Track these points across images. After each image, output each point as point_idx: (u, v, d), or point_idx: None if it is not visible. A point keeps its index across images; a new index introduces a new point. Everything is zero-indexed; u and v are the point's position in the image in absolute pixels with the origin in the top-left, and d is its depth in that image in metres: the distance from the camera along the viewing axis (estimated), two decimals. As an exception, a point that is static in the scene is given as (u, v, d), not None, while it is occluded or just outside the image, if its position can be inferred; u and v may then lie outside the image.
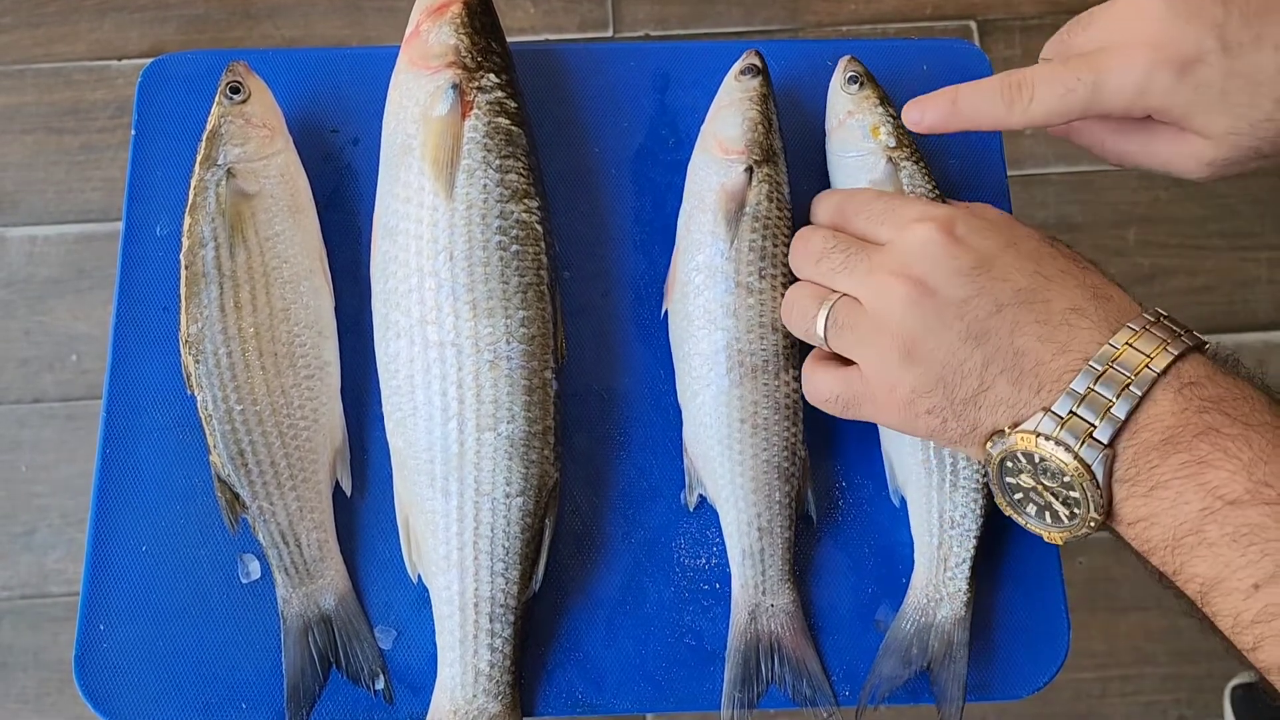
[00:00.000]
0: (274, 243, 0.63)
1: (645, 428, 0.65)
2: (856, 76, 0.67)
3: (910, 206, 0.57)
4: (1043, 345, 0.51)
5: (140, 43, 1.50)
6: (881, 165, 0.64)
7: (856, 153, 0.65)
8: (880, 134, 0.65)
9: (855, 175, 0.65)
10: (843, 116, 0.66)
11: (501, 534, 0.60)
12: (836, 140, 0.67)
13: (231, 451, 0.61)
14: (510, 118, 0.64)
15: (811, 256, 0.58)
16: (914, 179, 0.64)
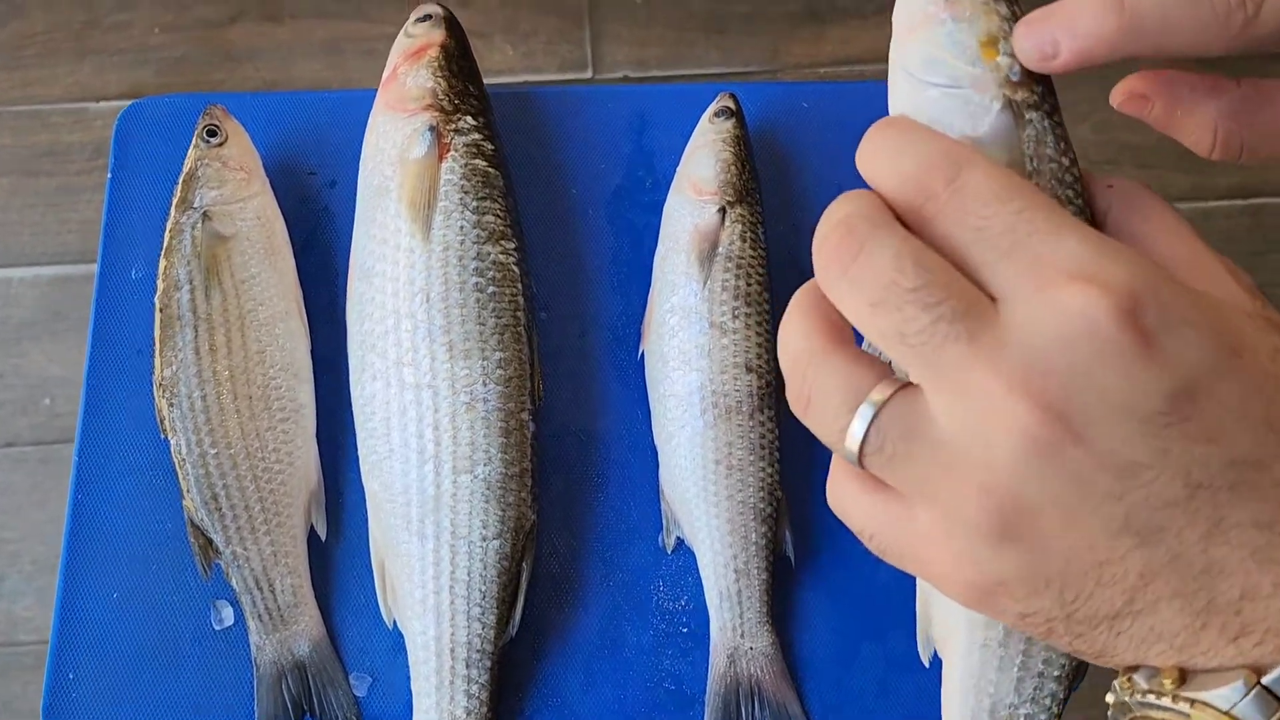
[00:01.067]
0: (250, 285, 0.63)
1: (622, 470, 0.65)
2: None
3: (1064, 238, 0.30)
4: (1261, 567, 0.30)
5: (119, 85, 1.50)
6: (993, 113, 0.36)
7: (947, 82, 0.36)
8: (999, 54, 0.36)
9: (941, 124, 0.36)
10: (934, 9, 0.37)
11: (478, 578, 0.59)
12: (914, 54, 0.37)
13: (205, 496, 0.60)
14: (487, 160, 0.64)
15: (865, 283, 0.32)
16: (1046, 150, 0.36)
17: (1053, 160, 0.36)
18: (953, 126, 0.36)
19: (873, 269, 0.31)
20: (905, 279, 0.31)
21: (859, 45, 1.63)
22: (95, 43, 1.51)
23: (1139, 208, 0.36)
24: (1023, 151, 0.36)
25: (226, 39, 1.54)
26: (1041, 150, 0.36)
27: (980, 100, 0.36)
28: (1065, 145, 0.36)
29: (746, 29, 1.62)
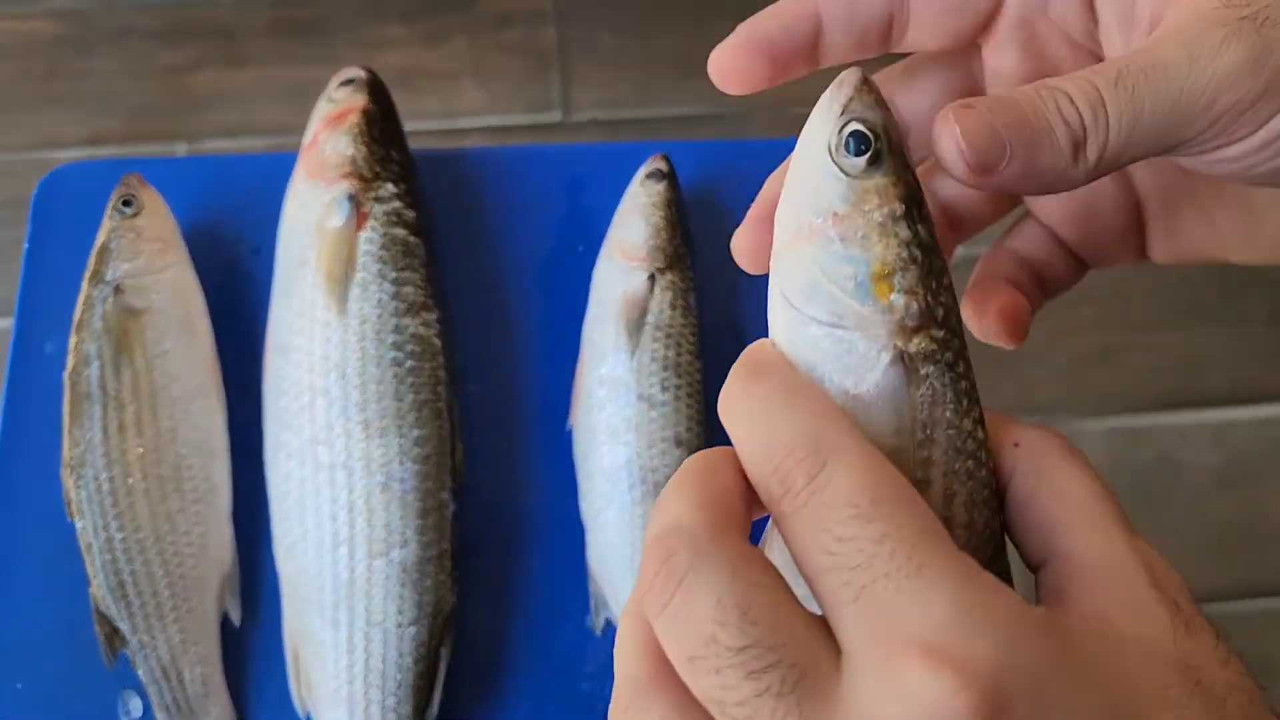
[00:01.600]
0: (163, 361, 0.61)
1: (550, 548, 0.62)
2: None
3: (928, 589, 0.24)
4: None
5: (80, 133, 1.49)
6: (880, 366, 0.29)
7: (828, 319, 0.30)
8: (894, 291, 0.29)
9: (819, 372, 0.30)
10: (819, 224, 0.30)
11: (393, 666, 0.57)
12: (792, 276, 0.30)
13: (111, 582, 0.58)
14: (408, 228, 0.62)
15: (681, 632, 0.26)
16: (944, 413, 0.30)
17: (951, 426, 0.29)
18: (832, 377, 0.29)
19: (690, 616, 0.25)
20: (727, 635, 0.25)
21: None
22: (56, 90, 1.50)
23: (1046, 474, 0.29)
24: (914, 416, 0.29)
25: (188, 85, 1.52)
26: (937, 413, 0.29)
27: (866, 349, 0.29)
28: (968, 402, 0.29)
29: (717, 69, 1.61)
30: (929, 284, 0.29)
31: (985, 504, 0.29)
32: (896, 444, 0.29)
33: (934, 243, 0.30)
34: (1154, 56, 0.29)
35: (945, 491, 0.29)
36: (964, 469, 0.29)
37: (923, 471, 0.29)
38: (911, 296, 0.29)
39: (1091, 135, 0.29)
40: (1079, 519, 0.28)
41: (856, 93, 0.30)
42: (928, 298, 0.29)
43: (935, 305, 0.29)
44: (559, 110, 1.58)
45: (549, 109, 1.58)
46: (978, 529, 0.29)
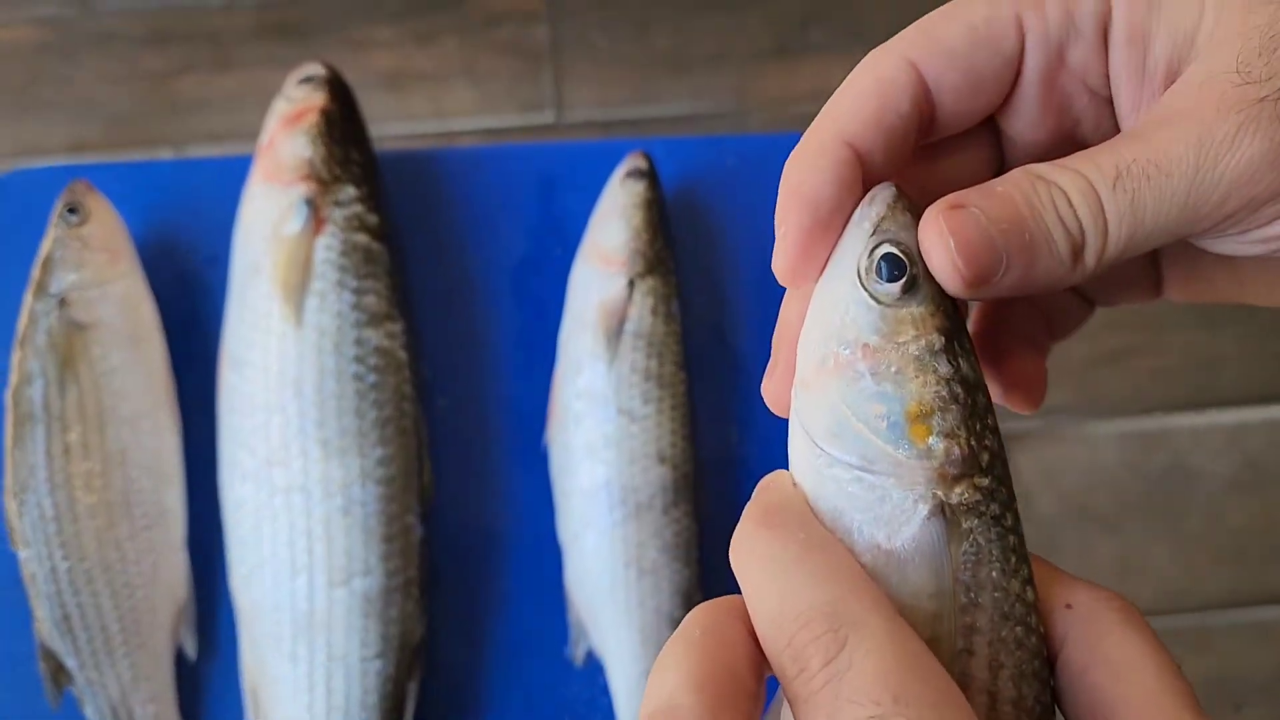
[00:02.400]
0: (111, 378, 0.57)
1: (526, 574, 0.58)
2: None
3: None
4: None
5: (63, 141, 1.46)
6: (917, 519, 0.26)
7: (858, 462, 0.26)
8: (932, 434, 0.26)
9: (844, 522, 0.26)
10: (848, 356, 0.27)
11: (357, 704, 0.53)
12: (816, 412, 0.27)
13: (57, 615, 0.54)
14: (370, 233, 0.58)
15: None
16: (989, 573, 0.26)
17: (998, 588, 0.25)
18: (861, 529, 0.25)
19: None
20: None
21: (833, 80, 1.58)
22: (38, 97, 1.47)
23: (1102, 643, 0.26)
24: (955, 577, 0.25)
25: (173, 91, 1.49)
26: (982, 574, 0.25)
27: (901, 499, 0.25)
28: (1016, 560, 0.26)
29: (713, 67, 1.57)
30: (972, 425, 0.26)
31: (1035, 676, 0.26)
32: (936, 608, 0.25)
33: (978, 378, 0.27)
34: (1158, 153, 0.25)
35: (991, 662, 0.25)
36: (1012, 637, 0.25)
37: (965, 640, 0.25)
38: (953, 440, 0.25)
39: (1090, 241, 0.26)
40: (1137, 698, 0.25)
41: (890, 210, 0.27)
42: (971, 441, 0.26)
43: (980, 450, 0.26)
44: (552, 110, 1.54)
45: (542, 109, 1.54)
46: (1027, 705, 0.25)
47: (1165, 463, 1.36)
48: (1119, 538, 1.32)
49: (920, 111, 0.29)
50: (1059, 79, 0.29)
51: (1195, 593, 1.30)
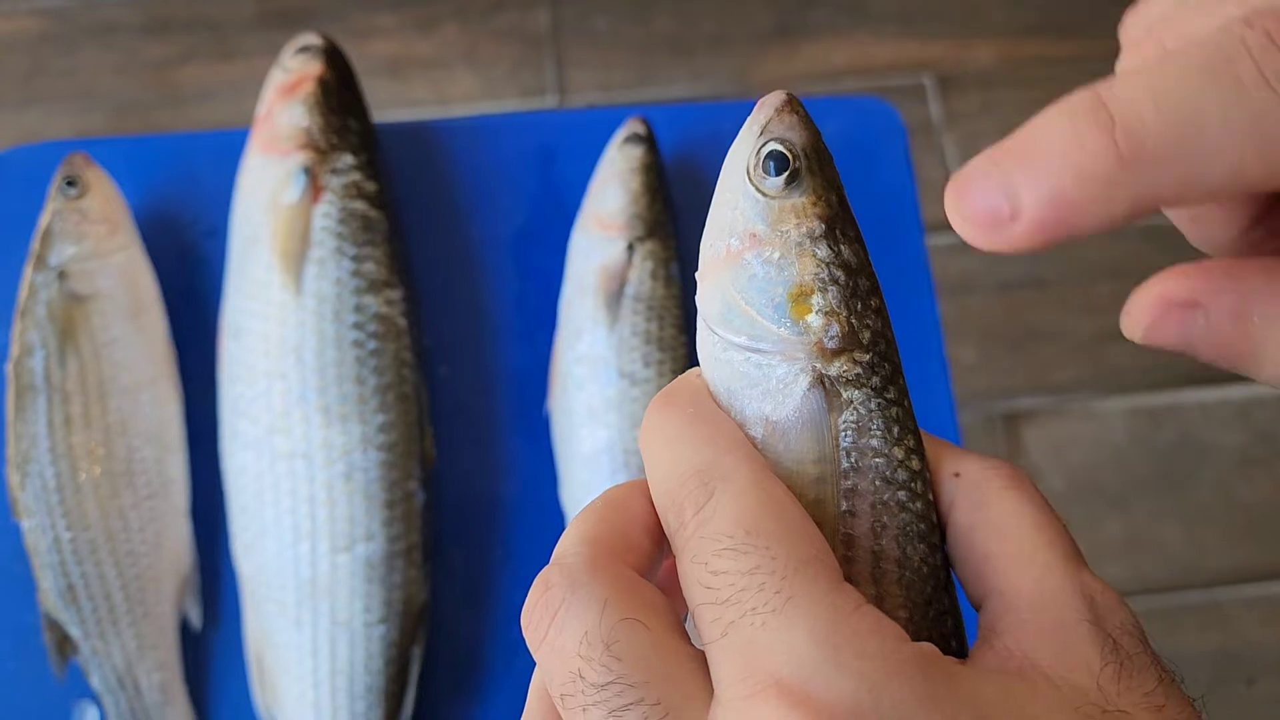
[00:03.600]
0: (111, 349, 0.57)
1: (530, 539, 0.58)
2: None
3: (793, 623, 0.23)
4: None
5: (67, 131, 1.46)
6: (798, 391, 0.27)
7: (746, 343, 0.28)
8: (811, 311, 0.28)
9: (738, 400, 0.28)
10: (736, 245, 0.28)
11: (361, 668, 0.53)
12: (712, 301, 0.29)
13: (60, 586, 0.54)
14: (369, 201, 0.58)
15: (552, 668, 0.25)
16: (869, 441, 0.27)
17: (879, 454, 0.27)
18: (750, 405, 0.27)
19: (560, 651, 0.25)
20: (591, 670, 0.24)
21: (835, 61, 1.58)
22: (41, 88, 1.47)
23: (985, 505, 0.27)
24: (836, 444, 0.27)
25: (176, 79, 1.49)
26: (864, 441, 0.27)
27: (784, 373, 0.27)
28: (899, 430, 0.27)
29: (714, 50, 1.57)
30: (852, 305, 0.28)
31: (921, 538, 0.27)
32: (819, 472, 0.27)
33: (861, 263, 0.28)
34: None
35: (874, 523, 0.27)
36: (894, 500, 0.27)
37: (849, 502, 0.27)
38: (832, 317, 0.27)
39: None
40: (1015, 552, 0.26)
41: (778, 113, 0.29)
42: (851, 320, 0.27)
43: (860, 328, 0.27)
44: (554, 95, 1.54)
45: (543, 94, 1.54)
46: (914, 564, 0.27)
47: (1174, 438, 1.35)
48: (1128, 514, 1.31)
49: None
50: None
51: (1205, 568, 1.29)
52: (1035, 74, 1.51)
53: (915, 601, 0.26)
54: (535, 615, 0.26)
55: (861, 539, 0.26)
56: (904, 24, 1.52)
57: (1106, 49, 0.34)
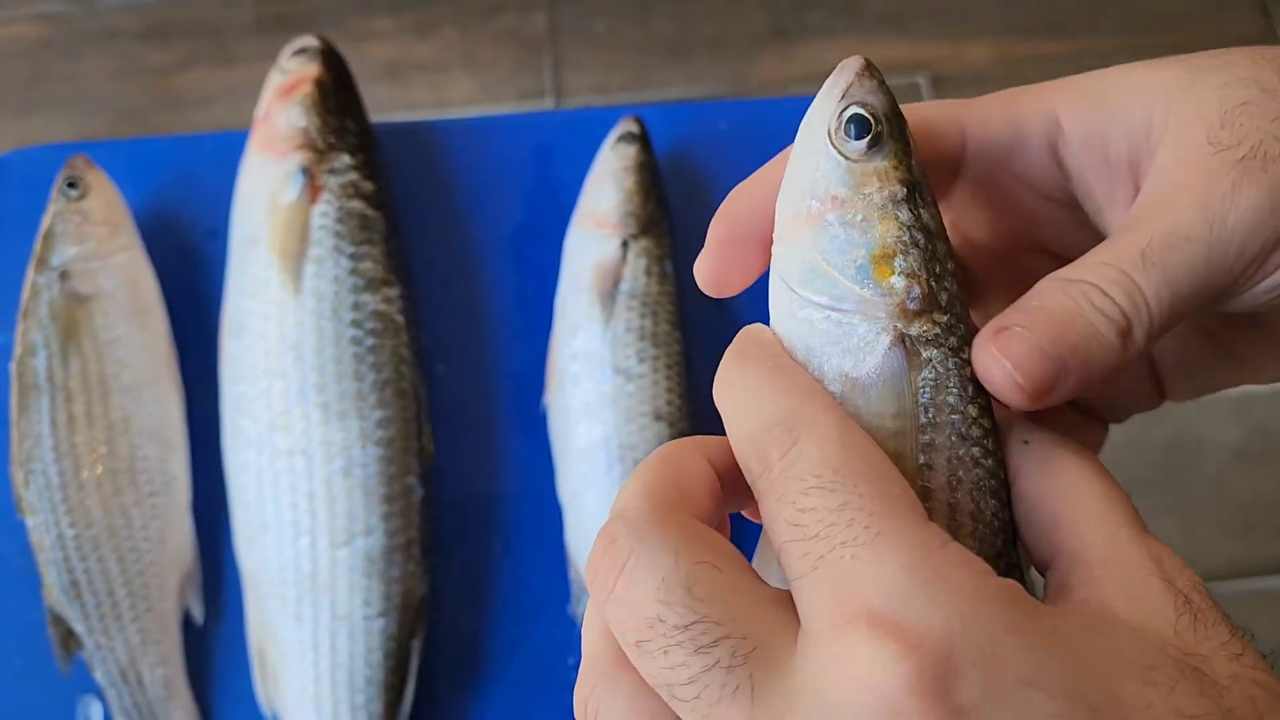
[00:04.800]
0: (113, 348, 0.58)
1: (529, 534, 0.59)
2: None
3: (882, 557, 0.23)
4: None
5: (68, 136, 1.47)
6: (879, 349, 0.28)
7: (828, 302, 0.29)
8: (894, 274, 0.28)
9: (817, 358, 0.29)
10: (817, 207, 0.29)
11: (361, 661, 0.54)
12: (791, 261, 0.29)
13: (65, 582, 0.55)
14: (366, 200, 0.59)
15: (626, 618, 0.25)
16: (946, 398, 0.28)
17: (955, 411, 0.28)
18: (830, 362, 0.28)
19: (634, 600, 0.25)
20: (673, 613, 0.24)
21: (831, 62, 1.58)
22: (42, 94, 1.48)
23: (1054, 471, 0.28)
24: (915, 400, 0.28)
25: (176, 85, 1.50)
26: (940, 398, 0.28)
27: (865, 332, 0.28)
28: (973, 389, 0.28)
29: (711, 51, 1.58)
30: (932, 268, 0.28)
31: (993, 494, 0.28)
32: (898, 427, 0.28)
33: (938, 228, 0.29)
34: (1171, 226, 0.27)
35: (950, 477, 0.28)
36: (969, 456, 0.28)
37: (926, 455, 0.28)
38: (913, 280, 0.28)
39: (1135, 320, 0.28)
40: (1084, 515, 0.27)
41: (858, 78, 0.29)
42: (930, 282, 0.28)
43: (939, 290, 0.28)
44: (552, 98, 1.55)
45: (541, 97, 1.54)
46: (986, 518, 0.28)
47: (1171, 434, 1.35)
48: (1126, 510, 1.32)
49: None
50: (1003, 184, 0.32)
51: (1203, 563, 1.29)
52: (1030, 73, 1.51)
53: (987, 554, 0.27)
54: (602, 569, 0.26)
55: (938, 491, 0.27)
56: (899, 25, 1.53)
57: (1100, 47, 0.35)
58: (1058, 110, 0.30)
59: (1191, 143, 0.28)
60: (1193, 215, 0.27)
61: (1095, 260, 0.28)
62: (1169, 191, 0.28)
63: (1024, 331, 0.27)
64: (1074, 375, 0.27)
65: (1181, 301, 0.27)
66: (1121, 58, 0.33)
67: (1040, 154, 0.31)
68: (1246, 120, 0.27)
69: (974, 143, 0.31)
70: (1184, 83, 0.29)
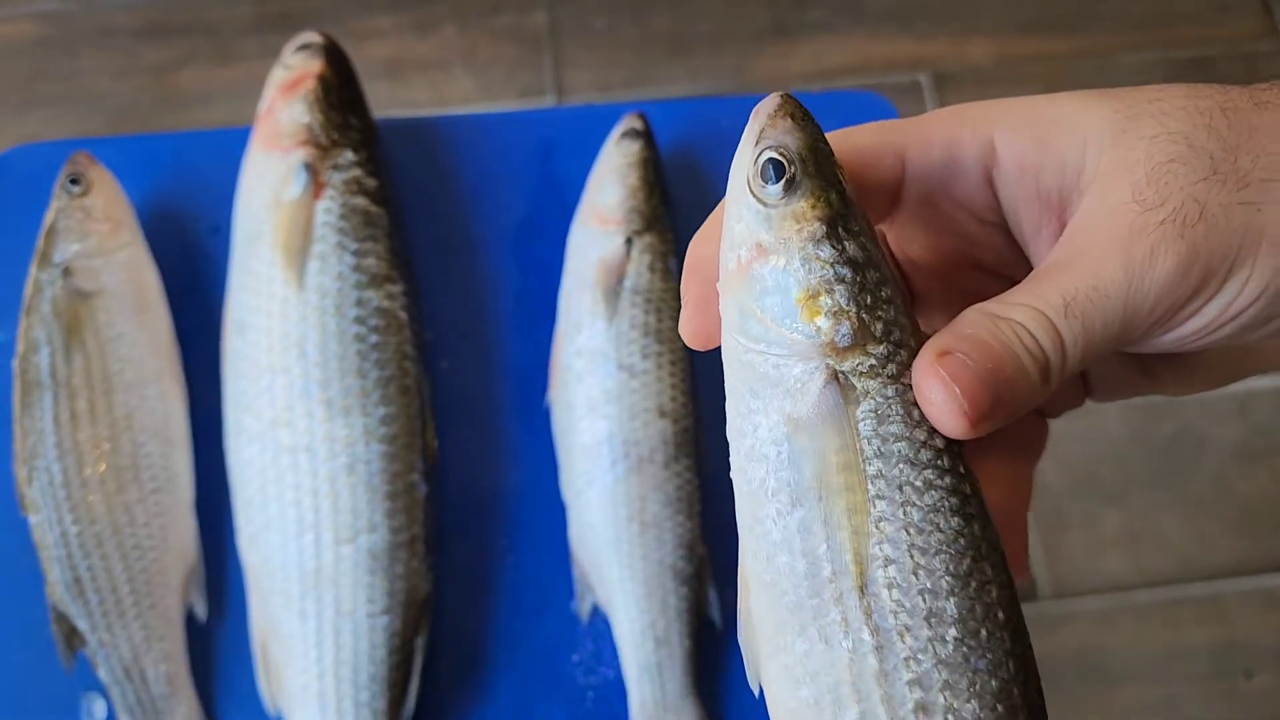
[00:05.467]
0: (116, 345, 0.58)
1: (531, 531, 0.59)
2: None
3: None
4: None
5: (68, 134, 1.46)
6: (814, 388, 0.29)
7: (763, 347, 0.29)
8: (821, 313, 0.29)
9: (761, 399, 0.29)
10: (746, 256, 0.29)
11: (365, 658, 0.54)
12: (729, 308, 0.30)
13: (68, 579, 0.55)
14: (369, 196, 0.58)
15: None
16: (890, 428, 0.28)
17: (900, 438, 0.28)
18: (772, 403, 0.29)
19: None
20: None
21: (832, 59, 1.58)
22: (41, 92, 1.48)
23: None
24: (856, 433, 0.28)
25: (176, 83, 1.50)
26: (885, 428, 0.28)
27: (800, 372, 0.29)
28: (920, 411, 0.28)
29: (711, 48, 1.57)
30: (862, 300, 0.29)
31: (955, 511, 0.28)
32: (843, 461, 0.28)
33: (867, 257, 0.29)
34: (1093, 279, 0.29)
35: (904, 502, 0.28)
36: (921, 480, 0.28)
37: (876, 486, 0.28)
38: (841, 316, 0.28)
39: (1054, 362, 0.29)
40: None
41: (770, 120, 0.30)
42: (862, 314, 0.28)
43: (872, 321, 0.29)
44: (552, 95, 1.54)
45: (542, 94, 1.54)
46: (950, 537, 0.28)
47: (1173, 432, 1.35)
48: (1127, 508, 1.31)
49: None
50: (942, 207, 0.33)
51: (1205, 561, 1.29)
52: (1031, 71, 1.52)
53: (956, 573, 0.27)
54: None
55: (893, 517, 0.27)
56: (900, 22, 1.53)
57: (1102, 45, 0.36)
58: (995, 140, 0.32)
59: (1119, 196, 0.30)
60: (1114, 272, 0.29)
61: (1022, 301, 0.30)
62: (1094, 240, 0.30)
63: (966, 359, 0.28)
64: (1004, 408, 0.28)
65: (1095, 349, 0.29)
66: (1122, 55, 0.34)
67: (976, 181, 0.32)
68: (1171, 180, 0.29)
69: (913, 167, 0.32)
70: (1118, 129, 0.30)
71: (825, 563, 0.28)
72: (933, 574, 0.27)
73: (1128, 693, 1.31)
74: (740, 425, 0.30)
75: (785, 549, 0.28)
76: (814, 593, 0.28)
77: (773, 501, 0.28)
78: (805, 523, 0.28)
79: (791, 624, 0.28)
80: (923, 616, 0.27)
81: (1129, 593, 1.32)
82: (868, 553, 0.27)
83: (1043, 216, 0.32)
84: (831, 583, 0.28)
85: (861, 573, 0.27)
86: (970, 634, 0.27)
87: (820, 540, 0.28)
